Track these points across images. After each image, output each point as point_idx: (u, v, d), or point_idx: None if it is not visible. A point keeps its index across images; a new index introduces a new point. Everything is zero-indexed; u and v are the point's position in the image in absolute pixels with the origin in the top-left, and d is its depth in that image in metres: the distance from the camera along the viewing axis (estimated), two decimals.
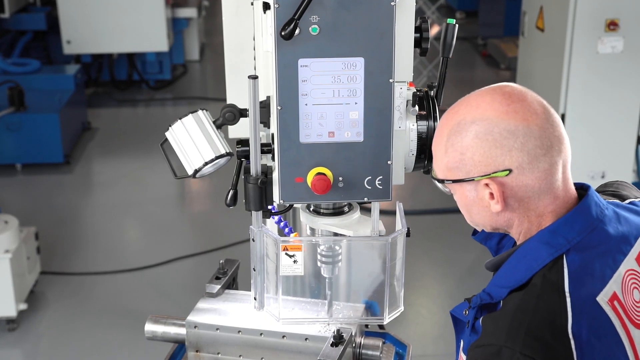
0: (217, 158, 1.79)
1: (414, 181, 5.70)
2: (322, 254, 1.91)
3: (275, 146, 1.75)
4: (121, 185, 6.10)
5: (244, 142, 1.80)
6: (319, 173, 1.74)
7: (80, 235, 5.32)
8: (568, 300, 1.42)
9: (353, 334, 1.97)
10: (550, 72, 5.02)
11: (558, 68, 4.88)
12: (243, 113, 1.81)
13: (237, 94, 2.19)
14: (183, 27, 8.64)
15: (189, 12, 8.48)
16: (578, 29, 4.75)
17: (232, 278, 2.26)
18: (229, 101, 2.00)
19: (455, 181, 1.53)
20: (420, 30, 1.80)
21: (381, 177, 1.78)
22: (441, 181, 1.57)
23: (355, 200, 1.83)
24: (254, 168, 1.76)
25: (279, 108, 1.71)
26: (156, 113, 7.85)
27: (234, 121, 1.82)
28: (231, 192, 1.80)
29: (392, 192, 1.80)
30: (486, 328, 1.46)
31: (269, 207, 1.83)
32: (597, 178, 4.97)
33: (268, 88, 1.79)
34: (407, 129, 1.81)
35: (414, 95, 1.80)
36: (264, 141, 1.80)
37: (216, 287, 2.17)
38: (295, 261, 1.85)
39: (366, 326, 2.09)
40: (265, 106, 1.79)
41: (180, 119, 1.81)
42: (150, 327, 2.15)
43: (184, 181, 6.03)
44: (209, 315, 2.09)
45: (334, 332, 1.94)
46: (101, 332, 4.19)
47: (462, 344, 1.61)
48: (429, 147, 1.83)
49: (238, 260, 2.32)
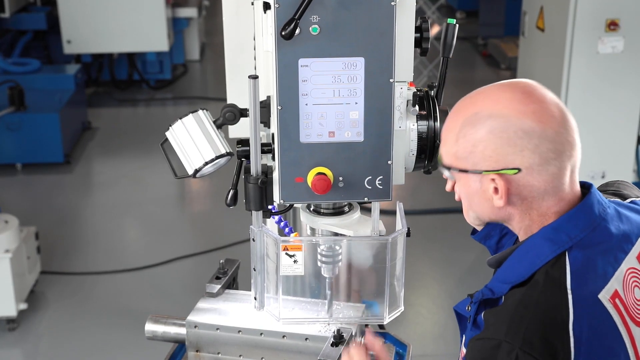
0: (218, 158, 1.79)
1: (414, 181, 5.70)
2: (322, 254, 1.91)
3: (275, 146, 1.75)
4: (121, 185, 6.09)
5: (244, 142, 1.80)
6: (319, 173, 1.74)
7: (80, 235, 5.32)
8: (570, 297, 1.42)
9: (353, 334, 1.97)
10: (550, 72, 5.02)
11: (558, 68, 4.88)
12: (243, 113, 1.81)
13: (238, 94, 2.19)
14: (183, 27, 8.63)
15: (189, 12, 8.47)
16: (578, 29, 4.75)
17: (232, 278, 2.26)
18: (229, 101, 2.00)
19: (462, 170, 1.52)
20: (420, 30, 1.80)
21: (381, 177, 1.78)
22: (447, 168, 1.56)
23: (355, 200, 1.83)
24: (254, 168, 1.76)
25: (279, 108, 1.71)
26: (156, 113, 7.85)
27: (234, 121, 1.82)
28: (231, 192, 1.80)
29: (393, 192, 1.80)
30: (488, 322, 1.47)
31: (269, 207, 1.83)
32: (597, 178, 4.97)
33: (268, 88, 1.79)
34: (408, 129, 1.81)
35: (414, 95, 1.80)
36: (264, 141, 1.80)
37: (216, 287, 2.17)
38: (295, 261, 1.85)
39: (366, 326, 2.09)
40: (265, 106, 1.79)
41: (180, 119, 1.81)
42: (150, 327, 2.15)
43: (184, 181, 6.03)
44: (209, 315, 2.09)
45: (334, 332, 1.94)
46: (101, 332, 4.19)
47: (464, 339, 1.61)
48: (430, 147, 1.83)
49: (238, 260, 2.32)
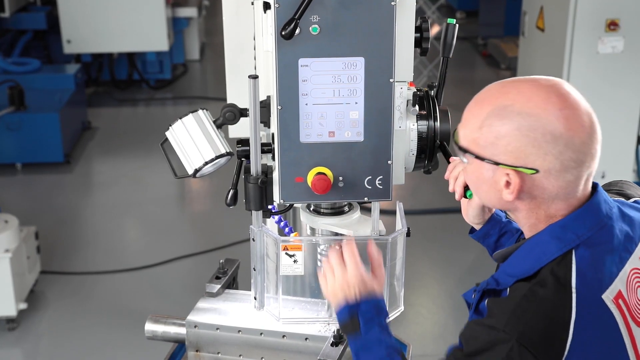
0: (218, 158, 1.79)
1: (414, 181, 5.70)
2: (322, 254, 1.91)
3: (275, 146, 1.75)
4: (121, 185, 6.09)
5: (244, 142, 1.80)
6: (319, 173, 1.74)
7: (80, 234, 5.32)
8: (574, 296, 1.42)
9: None
10: (550, 72, 5.02)
11: (558, 68, 4.88)
12: (243, 113, 1.81)
13: (238, 94, 2.19)
14: (183, 27, 8.63)
15: (189, 12, 8.47)
16: (578, 29, 4.75)
17: (232, 278, 2.26)
18: (229, 101, 2.00)
19: (478, 157, 1.50)
20: (420, 30, 1.80)
21: (381, 177, 1.78)
22: (463, 150, 1.53)
23: (355, 200, 1.83)
24: (254, 168, 1.76)
25: (279, 108, 1.71)
26: (156, 113, 7.84)
27: (234, 121, 1.82)
28: (231, 192, 1.80)
29: (392, 192, 1.80)
30: (490, 310, 1.47)
31: (269, 207, 1.83)
32: (597, 178, 4.90)
33: (268, 88, 1.79)
34: (408, 129, 1.81)
35: (414, 95, 1.80)
36: (264, 141, 1.80)
37: (216, 287, 2.17)
38: (295, 261, 1.85)
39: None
40: (265, 106, 1.79)
41: (180, 119, 1.81)
42: (150, 327, 2.15)
43: (184, 181, 6.03)
44: (209, 314, 2.09)
45: (334, 332, 1.94)
46: (101, 332, 4.19)
47: None
48: (430, 147, 1.83)
49: (238, 260, 2.32)
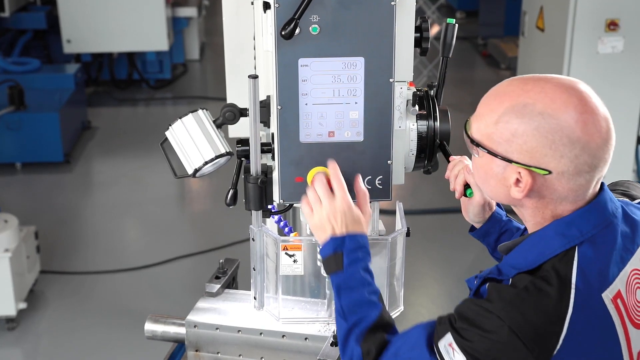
0: (217, 157, 1.79)
1: (414, 181, 5.70)
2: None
3: (275, 146, 1.75)
4: (121, 184, 6.09)
5: (244, 142, 1.80)
6: (319, 173, 1.74)
7: (80, 234, 5.32)
8: (572, 292, 1.42)
9: None
10: (550, 72, 4.98)
11: (558, 68, 4.88)
12: (243, 112, 1.81)
13: (237, 94, 2.19)
14: (183, 27, 8.63)
15: (189, 12, 8.47)
16: (578, 29, 4.75)
17: (232, 277, 2.26)
18: (229, 100, 2.00)
19: (490, 152, 1.49)
20: (420, 30, 1.80)
21: (381, 177, 1.78)
22: (475, 143, 1.52)
23: (355, 200, 1.83)
24: (254, 167, 1.76)
25: (279, 107, 1.71)
26: (156, 112, 7.84)
27: (234, 120, 1.82)
28: (231, 192, 1.80)
29: (392, 192, 1.80)
30: (490, 293, 1.47)
31: (269, 207, 1.83)
32: None
33: (268, 87, 1.79)
34: (407, 129, 1.81)
35: (414, 94, 1.80)
36: (264, 141, 1.80)
37: (216, 287, 2.17)
38: (295, 261, 1.85)
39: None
40: (265, 106, 1.79)
41: (180, 118, 1.81)
42: (150, 327, 2.15)
43: (184, 181, 6.03)
44: (209, 314, 2.09)
45: (334, 332, 1.94)
46: (101, 332, 4.19)
47: None
48: (429, 147, 1.83)
49: (238, 259, 2.31)
